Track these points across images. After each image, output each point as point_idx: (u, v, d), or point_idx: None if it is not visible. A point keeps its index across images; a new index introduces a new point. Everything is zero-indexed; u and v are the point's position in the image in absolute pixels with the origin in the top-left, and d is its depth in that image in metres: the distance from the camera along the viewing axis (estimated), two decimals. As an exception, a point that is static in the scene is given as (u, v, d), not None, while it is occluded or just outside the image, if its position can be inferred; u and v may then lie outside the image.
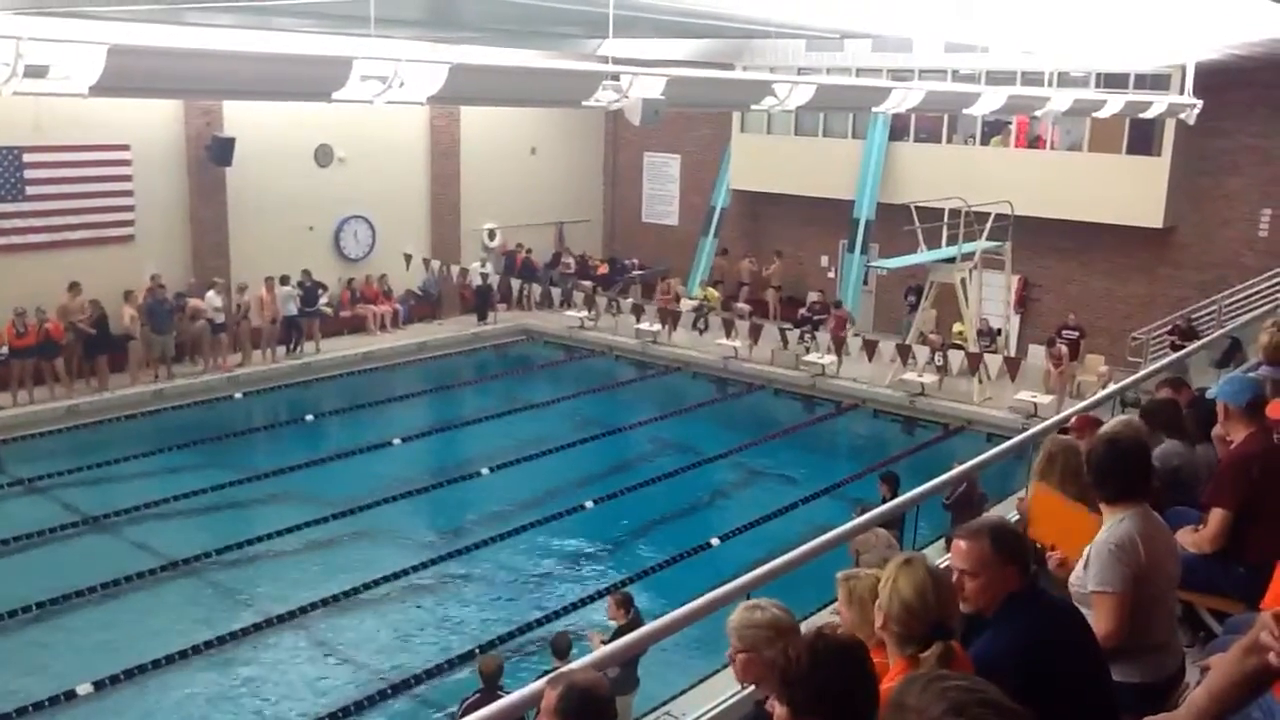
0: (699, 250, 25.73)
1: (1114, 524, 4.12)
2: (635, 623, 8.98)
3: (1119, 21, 13.32)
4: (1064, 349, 19.10)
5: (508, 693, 4.74)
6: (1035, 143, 21.68)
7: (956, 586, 3.45)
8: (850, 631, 3.72)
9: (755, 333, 20.97)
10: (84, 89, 6.24)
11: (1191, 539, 5.06)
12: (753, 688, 3.91)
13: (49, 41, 6.11)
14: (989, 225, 19.48)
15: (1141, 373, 10.57)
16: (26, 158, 18.06)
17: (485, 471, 16.08)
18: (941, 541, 10.79)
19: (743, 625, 3.71)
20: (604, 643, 7.59)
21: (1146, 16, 12.89)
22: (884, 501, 10.90)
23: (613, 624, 9.56)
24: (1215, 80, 17.57)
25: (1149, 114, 16.33)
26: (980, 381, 18.76)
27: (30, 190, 18.19)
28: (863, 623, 3.77)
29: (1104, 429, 5.38)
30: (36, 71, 6.07)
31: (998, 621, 3.46)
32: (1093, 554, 4.10)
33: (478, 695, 8.30)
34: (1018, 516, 6.59)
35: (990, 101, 13.46)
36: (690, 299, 24.20)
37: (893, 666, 3.28)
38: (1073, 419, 6.96)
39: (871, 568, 4.41)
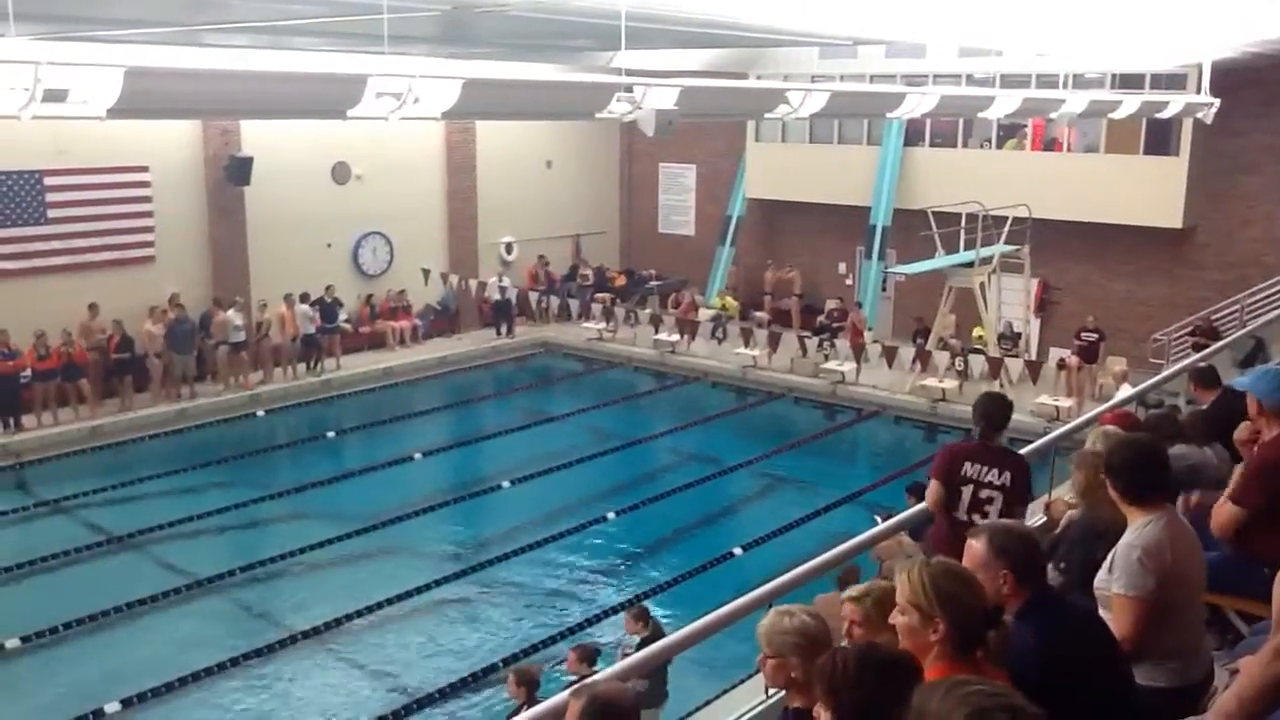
0: (716, 260, 25.71)
1: (1139, 528, 4.08)
2: (657, 634, 8.94)
3: (1133, 22, 13.25)
4: (1073, 360, 19.01)
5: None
6: (1051, 145, 21.57)
7: None
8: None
9: (774, 341, 20.93)
10: (102, 112, 6.28)
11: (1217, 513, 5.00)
12: (782, 693, 3.92)
13: (67, 65, 6.16)
14: (1007, 229, 19.41)
15: (1163, 374, 10.49)
16: (47, 181, 18.25)
17: (506, 485, 16.10)
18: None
19: (771, 631, 3.74)
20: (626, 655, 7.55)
21: (1161, 16, 12.81)
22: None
23: (634, 638, 9.52)
24: (1232, 79, 17.46)
25: (1165, 114, 16.21)
26: (1001, 386, 18.65)
27: (51, 213, 18.38)
28: (881, 635, 3.75)
29: (1114, 435, 5.37)
30: (55, 95, 6.10)
31: (1015, 625, 3.45)
32: (1118, 557, 4.06)
33: (523, 706, 8.28)
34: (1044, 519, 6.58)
35: (1005, 105, 13.39)
36: (708, 308, 24.19)
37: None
38: (1101, 419, 6.93)
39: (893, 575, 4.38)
